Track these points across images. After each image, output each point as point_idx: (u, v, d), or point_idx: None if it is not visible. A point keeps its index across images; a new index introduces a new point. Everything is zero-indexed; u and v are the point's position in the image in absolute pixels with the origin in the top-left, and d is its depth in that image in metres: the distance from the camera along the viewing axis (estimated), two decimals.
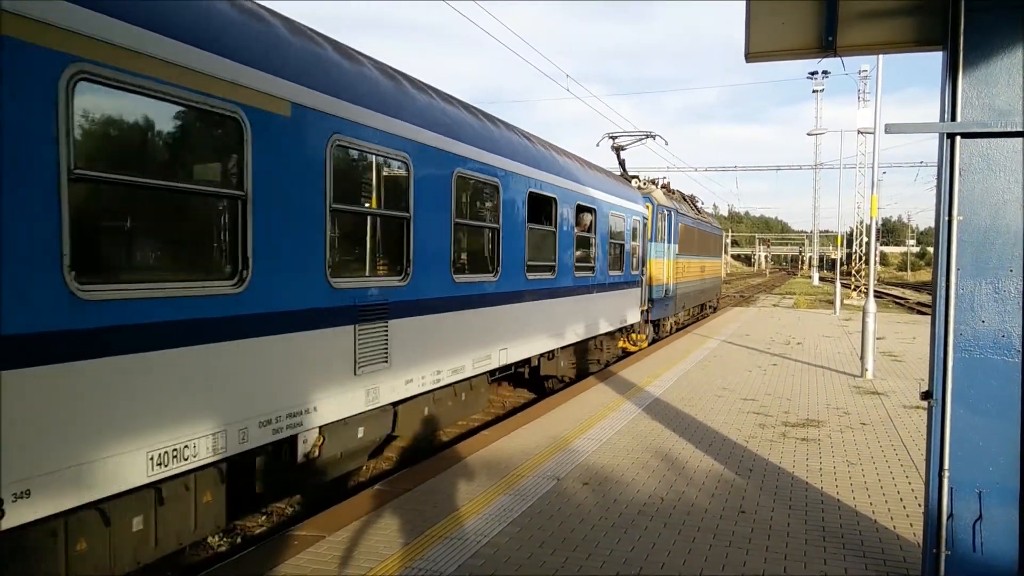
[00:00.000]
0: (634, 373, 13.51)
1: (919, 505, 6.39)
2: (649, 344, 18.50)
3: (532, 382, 13.20)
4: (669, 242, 20.94)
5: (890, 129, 4.44)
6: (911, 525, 5.98)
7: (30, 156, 4.01)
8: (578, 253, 12.84)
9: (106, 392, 4.45)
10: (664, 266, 20.33)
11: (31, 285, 4.01)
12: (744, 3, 4.67)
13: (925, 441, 4.57)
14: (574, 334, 12.96)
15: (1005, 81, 4.19)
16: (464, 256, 9.00)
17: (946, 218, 4.32)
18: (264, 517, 7.52)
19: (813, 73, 60.61)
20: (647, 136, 21.34)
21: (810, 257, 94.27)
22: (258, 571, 4.99)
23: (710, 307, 30.66)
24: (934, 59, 4.46)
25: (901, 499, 6.65)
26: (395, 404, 7.59)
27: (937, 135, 4.40)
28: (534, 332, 11.06)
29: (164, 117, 4.96)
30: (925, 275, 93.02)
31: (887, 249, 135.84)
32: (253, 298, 5.53)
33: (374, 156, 7.11)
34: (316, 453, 6.36)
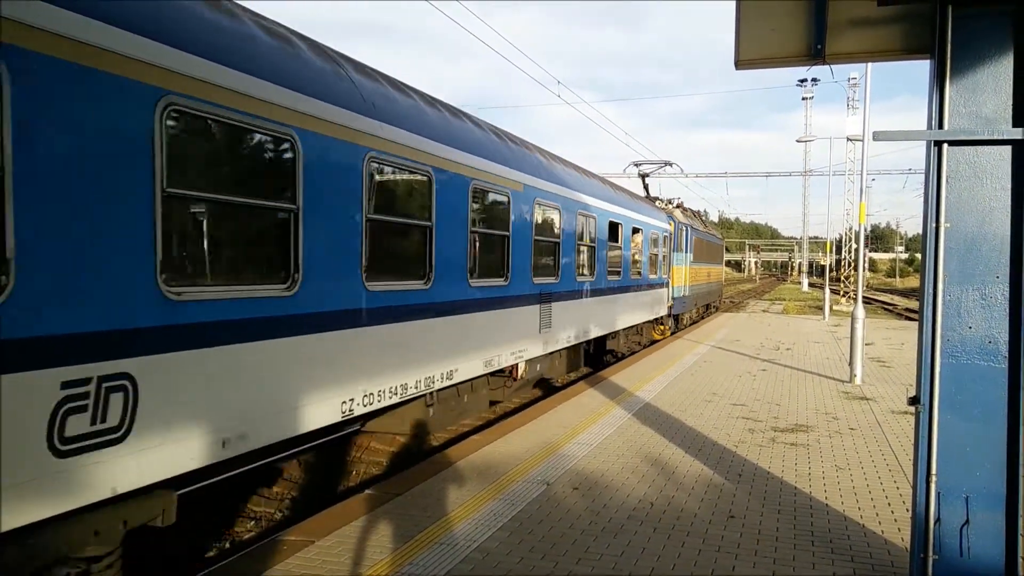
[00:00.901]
0: (625, 378, 13.53)
1: (907, 509, 6.42)
2: (671, 334, 22.57)
3: (595, 356, 16.90)
4: (685, 252, 24.94)
5: (878, 137, 4.48)
6: (899, 529, 6.01)
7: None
8: (633, 261, 17.95)
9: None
10: (682, 272, 24.50)
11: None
12: (734, 11, 4.70)
13: (913, 446, 4.60)
14: (630, 320, 17.79)
15: (992, 89, 4.23)
16: (578, 265, 13.44)
17: (933, 225, 4.35)
18: (253, 523, 7.49)
19: (803, 80, 60.99)
20: (666, 164, 26.72)
21: (799, 263, 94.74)
22: None
23: (714, 306, 35.30)
24: (922, 67, 4.50)
25: (889, 503, 6.68)
26: (550, 353, 12.43)
27: (925, 143, 4.44)
28: (611, 317, 15.90)
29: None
30: (913, 281, 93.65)
31: (876, 255, 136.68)
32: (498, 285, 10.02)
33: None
34: (523, 374, 11.28)
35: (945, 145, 4.31)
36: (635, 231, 17.78)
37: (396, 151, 7.35)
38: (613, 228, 15.69)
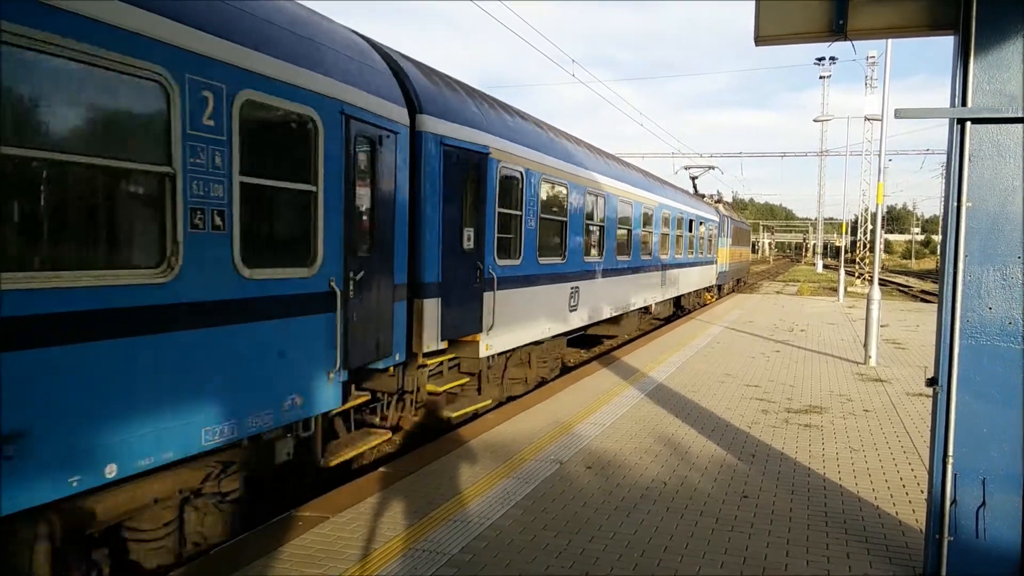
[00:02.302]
0: (637, 359, 13.52)
1: (921, 491, 6.40)
2: (716, 298, 30.61)
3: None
4: (726, 237, 32.76)
5: (900, 114, 4.41)
6: (913, 511, 5.99)
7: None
8: (697, 243, 25.43)
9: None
10: (724, 252, 32.41)
11: None
12: None
13: (930, 428, 4.57)
14: (696, 286, 25.86)
15: (1017, 66, 4.15)
16: (674, 248, 21.28)
17: (955, 204, 4.30)
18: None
19: (820, 59, 60.28)
20: (709, 168, 33.57)
21: (814, 244, 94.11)
22: (263, 551, 5.02)
23: (744, 281, 43.01)
24: (943, 45, 4.44)
25: (903, 485, 6.66)
26: (661, 301, 20.36)
27: (947, 121, 4.37)
28: (688, 282, 24.14)
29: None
30: (929, 263, 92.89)
31: (891, 237, 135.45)
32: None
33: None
34: (653, 311, 19.74)
35: (968, 123, 4.24)
36: (700, 223, 25.85)
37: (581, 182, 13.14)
38: (690, 223, 23.79)
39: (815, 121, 48.76)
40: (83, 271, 4.27)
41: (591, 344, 17.99)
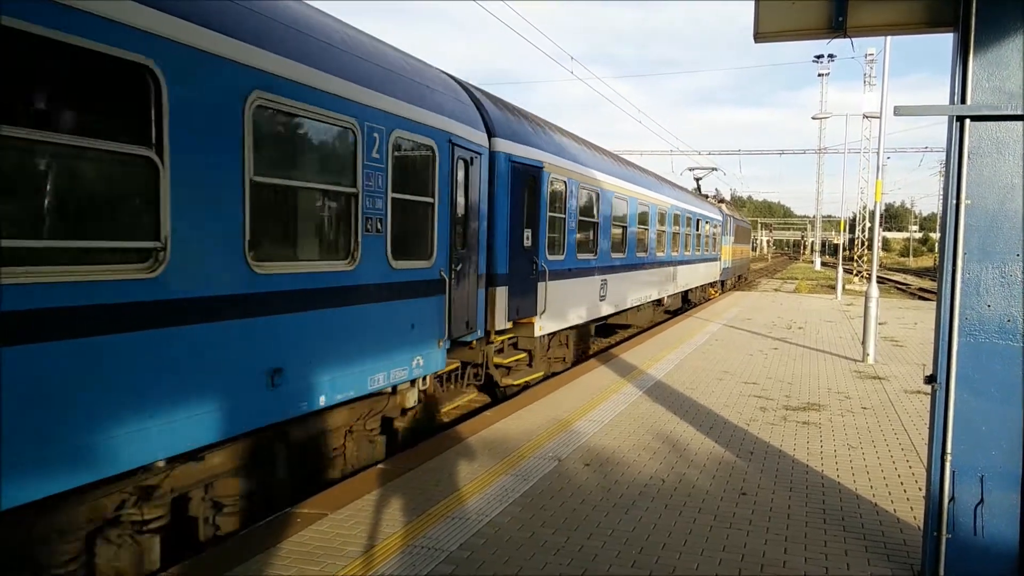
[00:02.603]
0: (636, 356, 13.53)
1: (919, 489, 6.41)
2: (719, 294, 31.65)
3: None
4: (729, 235, 34.71)
5: (899, 111, 4.41)
6: (911, 508, 6.00)
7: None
8: (703, 241, 27.40)
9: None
10: (727, 250, 34.17)
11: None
12: None
13: (928, 425, 4.58)
14: (701, 281, 27.66)
15: (1016, 63, 4.15)
16: (684, 246, 23.13)
17: (954, 202, 4.30)
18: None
19: (819, 56, 60.25)
20: (712, 169, 35.75)
21: (812, 242, 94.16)
22: (261, 548, 5.02)
23: (744, 277, 44.80)
24: (942, 43, 4.44)
25: (902, 482, 6.67)
26: (672, 294, 22.01)
27: (946, 118, 4.37)
28: (695, 278, 25.93)
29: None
30: (927, 261, 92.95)
31: (889, 235, 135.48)
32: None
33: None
34: (666, 304, 21.96)
35: (967, 120, 4.24)
36: (706, 222, 27.82)
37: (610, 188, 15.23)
38: (697, 222, 25.69)
39: (813, 119, 48.80)
40: (313, 261, 6.30)
41: (607, 333, 19.29)
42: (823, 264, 72.41)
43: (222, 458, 5.72)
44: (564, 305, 12.34)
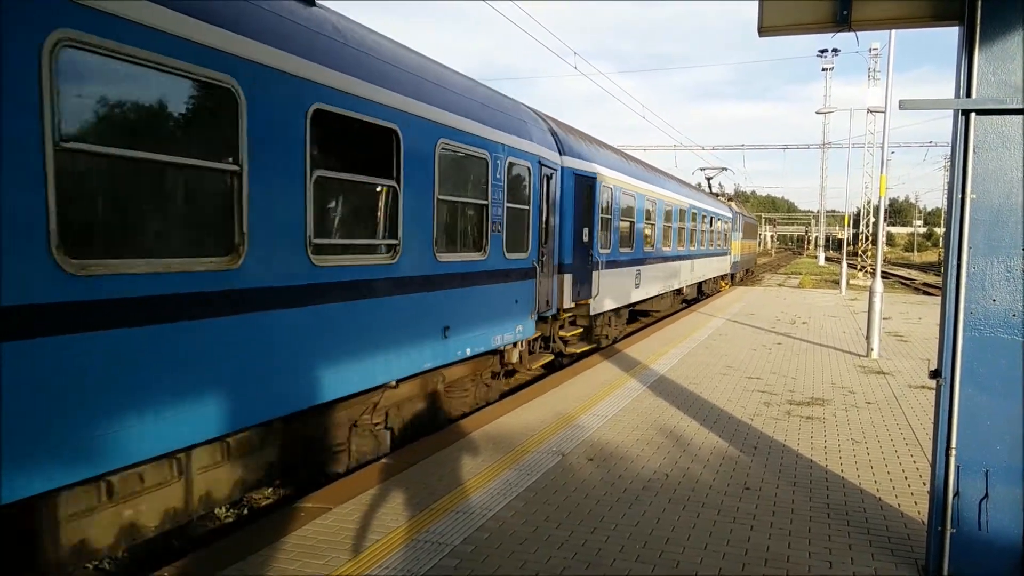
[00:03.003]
0: (639, 351, 13.53)
1: (924, 484, 6.41)
2: (729, 286, 34.16)
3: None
4: (738, 231, 37.24)
5: (904, 105, 4.39)
6: (915, 503, 6.00)
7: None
8: (716, 237, 29.81)
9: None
10: (736, 245, 36.58)
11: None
12: None
13: (933, 420, 4.57)
14: (713, 274, 29.78)
15: (1022, 57, 4.13)
16: (702, 241, 26.17)
17: (959, 196, 4.28)
18: (271, 489, 7.58)
19: (823, 51, 60.10)
20: (722, 169, 37.20)
21: (816, 237, 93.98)
22: (266, 542, 5.04)
23: (751, 271, 47.05)
24: (947, 37, 4.42)
25: (906, 477, 6.67)
26: (690, 284, 24.76)
27: (951, 113, 4.35)
28: (709, 270, 28.52)
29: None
30: (931, 256, 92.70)
31: (893, 229, 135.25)
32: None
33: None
34: (685, 292, 24.52)
35: (973, 114, 4.22)
36: (718, 220, 30.18)
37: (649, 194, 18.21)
38: (711, 220, 28.19)
39: (817, 113, 48.72)
40: (467, 253, 8.74)
41: (631, 320, 20.28)
42: (827, 259, 72.32)
43: (408, 388, 8.11)
44: (610, 290, 14.87)
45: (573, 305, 12.65)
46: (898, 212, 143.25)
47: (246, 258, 5.23)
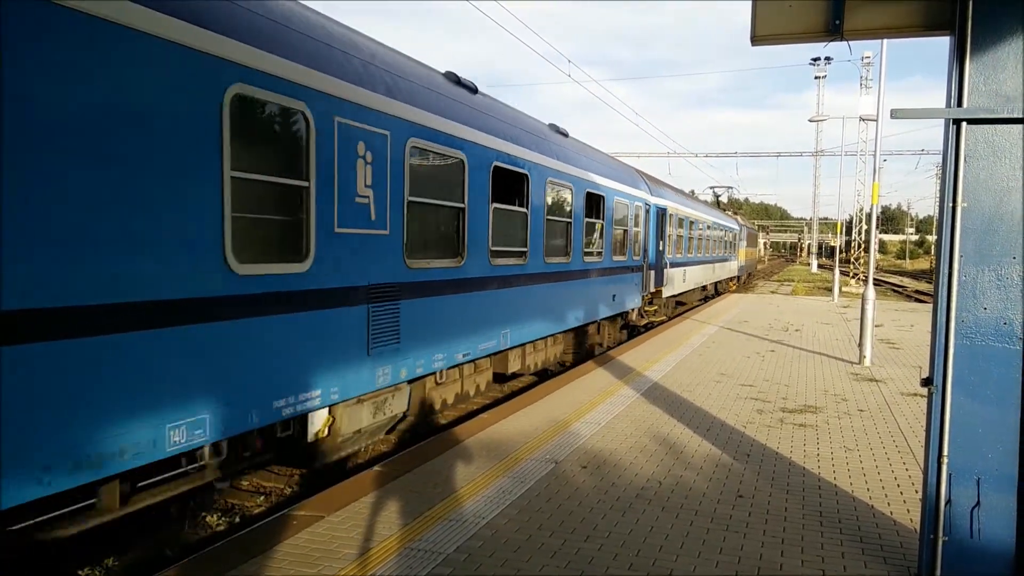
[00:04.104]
0: (633, 358, 13.53)
1: (916, 491, 6.42)
2: (735, 286, 41.15)
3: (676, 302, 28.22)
4: (742, 240, 43.86)
5: (896, 114, 4.41)
6: (908, 511, 6.01)
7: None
8: (727, 246, 36.32)
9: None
10: (741, 252, 42.85)
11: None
12: None
13: (924, 427, 4.58)
14: (723, 276, 35.76)
15: (1013, 67, 4.16)
16: (718, 248, 33.56)
17: (950, 204, 4.30)
18: (263, 497, 7.55)
19: (816, 59, 60.37)
20: (729, 188, 47.75)
21: (809, 244, 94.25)
22: (257, 550, 5.01)
23: (752, 274, 54.79)
24: (938, 46, 4.45)
25: (898, 485, 6.68)
26: (702, 286, 30.77)
27: (942, 121, 4.37)
28: (720, 273, 34.96)
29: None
30: (923, 263, 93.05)
31: (886, 237, 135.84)
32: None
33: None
34: (711, 290, 33.96)
35: (964, 123, 4.24)
36: (728, 231, 36.71)
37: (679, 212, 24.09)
38: (724, 232, 34.47)
39: (810, 121, 48.80)
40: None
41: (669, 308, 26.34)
42: (820, 266, 72.50)
43: (606, 322, 15.92)
44: (672, 283, 22.46)
45: (654, 290, 20.08)
46: (890, 219, 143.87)
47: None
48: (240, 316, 5.44)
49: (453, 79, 9.25)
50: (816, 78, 61.26)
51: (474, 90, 9.63)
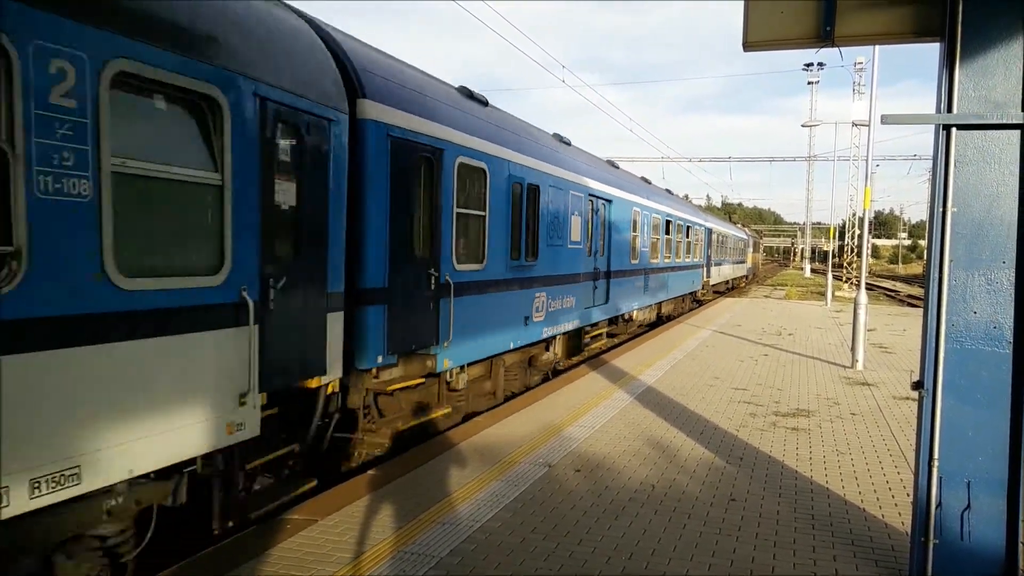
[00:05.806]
0: (627, 361, 13.56)
1: (907, 494, 6.45)
2: (746, 284, 51.74)
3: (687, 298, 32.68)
4: (750, 247, 52.71)
5: (887, 120, 4.45)
6: (899, 514, 6.04)
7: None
8: (740, 251, 48.95)
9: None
10: (749, 256, 51.65)
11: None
12: None
13: (915, 431, 4.61)
14: (739, 273, 48.65)
15: (1002, 73, 4.20)
16: (733, 253, 44.39)
17: (940, 209, 4.34)
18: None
19: (809, 65, 60.52)
20: (739, 204, 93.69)
21: (802, 249, 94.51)
22: (251, 555, 5.01)
23: (756, 275, 62.15)
24: (930, 52, 4.49)
25: (890, 488, 6.71)
26: (723, 280, 41.53)
27: (933, 127, 4.41)
28: (738, 273, 47.91)
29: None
30: (916, 268, 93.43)
31: (878, 242, 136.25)
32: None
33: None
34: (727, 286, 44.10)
35: (954, 129, 4.28)
36: (741, 241, 46.03)
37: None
38: (739, 241, 45.64)
39: (803, 126, 49.06)
40: (680, 259, 24.67)
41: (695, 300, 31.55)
42: (813, 271, 72.71)
43: (668, 302, 23.19)
44: (718, 274, 33.89)
45: (707, 280, 29.78)
46: (883, 224, 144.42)
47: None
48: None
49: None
50: (809, 83, 61.49)
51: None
